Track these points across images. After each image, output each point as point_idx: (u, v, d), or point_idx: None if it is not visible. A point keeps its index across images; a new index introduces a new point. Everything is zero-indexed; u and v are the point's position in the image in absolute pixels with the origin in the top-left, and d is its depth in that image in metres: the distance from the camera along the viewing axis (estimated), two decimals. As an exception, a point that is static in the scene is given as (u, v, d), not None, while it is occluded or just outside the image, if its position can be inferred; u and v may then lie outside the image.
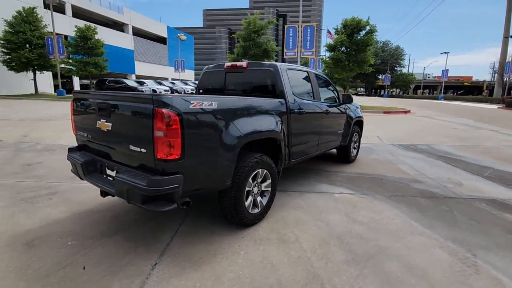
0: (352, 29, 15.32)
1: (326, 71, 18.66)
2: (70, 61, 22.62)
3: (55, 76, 25.03)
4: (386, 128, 10.49)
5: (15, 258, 2.20)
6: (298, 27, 16.23)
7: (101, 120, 2.36)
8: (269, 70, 3.30)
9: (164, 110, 1.92)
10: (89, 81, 26.25)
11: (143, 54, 44.52)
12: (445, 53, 45.54)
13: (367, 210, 3.24)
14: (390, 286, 1.99)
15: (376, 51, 63.86)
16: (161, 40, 49.88)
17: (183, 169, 2.06)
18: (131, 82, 25.44)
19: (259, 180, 2.82)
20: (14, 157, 5.23)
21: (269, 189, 2.96)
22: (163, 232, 2.65)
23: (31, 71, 23.10)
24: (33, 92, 23.96)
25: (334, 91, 4.66)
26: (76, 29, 22.36)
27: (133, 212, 3.04)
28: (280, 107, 3.13)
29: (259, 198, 2.86)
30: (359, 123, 5.52)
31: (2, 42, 21.42)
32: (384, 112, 15.65)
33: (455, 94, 70.08)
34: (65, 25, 27.26)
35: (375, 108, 17.19)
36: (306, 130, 3.66)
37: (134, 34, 42.51)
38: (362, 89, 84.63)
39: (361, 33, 15.72)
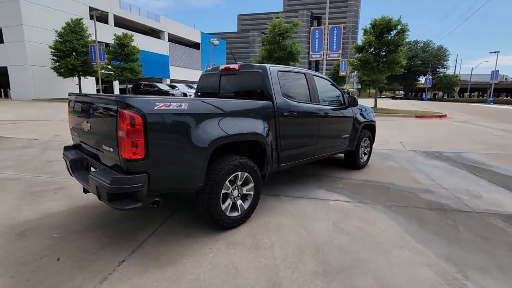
0: (382, 29, 14.58)
1: (354, 73, 18.01)
2: (109, 66, 24.38)
3: (98, 81, 27.18)
4: (413, 133, 9.81)
5: (4, 246, 2.40)
6: (324, 29, 15.88)
7: (84, 120, 2.50)
8: (258, 72, 3.25)
9: (127, 111, 1.97)
10: (125, 85, 28.02)
11: (177, 59, 46.56)
12: (494, 52, 41.54)
13: (359, 220, 3.04)
14: (353, 303, 1.84)
15: (415, 51, 60.36)
16: (195, 45, 51.80)
17: (147, 169, 2.10)
18: (163, 86, 26.72)
19: (239, 183, 2.78)
20: (40, 154, 5.74)
21: (251, 193, 2.91)
22: (144, 230, 2.73)
23: (76, 77, 25.26)
24: (78, 96, 26.09)
25: (339, 94, 4.46)
26: (115, 37, 24.08)
27: (120, 211, 3.16)
28: (267, 109, 3.07)
29: (239, 202, 2.82)
30: (370, 128, 5.23)
31: (52, 50, 23.73)
32: (416, 117, 14.66)
33: (509, 97, 63.32)
34: (107, 34, 29.42)
35: (407, 112, 16.17)
36: (299, 133, 3.55)
37: (169, 40, 44.68)
38: (401, 92, 79.95)
39: (391, 33, 14.91)
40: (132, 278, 2.03)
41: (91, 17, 28.67)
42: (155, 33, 43.14)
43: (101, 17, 30.74)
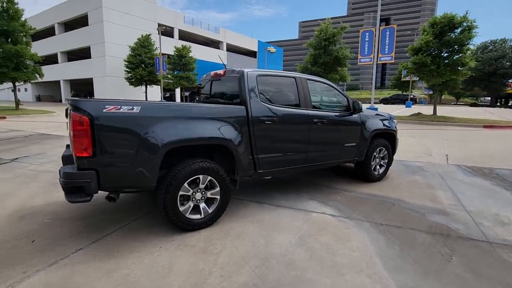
0: (442, 27, 12.89)
1: (408, 77, 16.27)
2: (169, 76, 26.89)
3: (165, 89, 30.23)
4: (471, 145, 8.41)
5: (3, 226, 2.86)
6: (375, 31, 14.84)
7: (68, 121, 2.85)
8: (235, 77, 3.25)
9: (77, 113, 2.20)
10: (185, 93, 30.46)
11: (235, 67, 48.79)
12: None
13: (332, 236, 2.77)
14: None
15: (502, 51, 51.62)
16: (252, 53, 53.55)
17: (96, 166, 2.29)
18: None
19: (202, 186, 2.80)
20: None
21: (217, 197, 2.90)
22: (116, 224, 2.95)
23: (143, 85, 28.47)
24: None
25: (343, 99, 4.14)
26: (175, 49, 26.49)
27: (114, 204, 3.46)
28: (239, 114, 3.04)
29: (202, 205, 2.84)
30: (389, 137, 4.70)
31: (126, 63, 27.25)
32: (485, 127, 12.53)
33: None
34: (171, 47, 32.52)
35: (475, 121, 13.91)
36: (282, 139, 3.40)
37: (227, 50, 47.14)
38: (487, 98, 68.31)
39: (455, 31, 13.07)
40: (76, 265, 2.22)
41: (159, 32, 32.23)
42: (214, 44, 46.03)
43: (167, 32, 34.19)
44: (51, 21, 35.37)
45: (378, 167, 4.60)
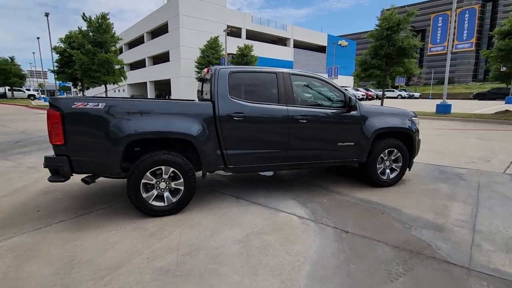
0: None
1: (494, 66, 13.24)
2: (232, 75, 28.30)
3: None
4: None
5: (29, 198, 3.65)
6: (451, 14, 12.68)
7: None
8: (211, 74, 3.36)
9: (51, 109, 2.68)
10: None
11: (301, 64, 48.07)
12: None
13: (280, 237, 2.67)
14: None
15: None
16: (321, 49, 51.84)
17: (67, 153, 2.75)
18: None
19: (165, 176, 3.04)
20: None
21: (181, 187, 3.09)
22: (105, 203, 3.43)
23: (211, 84, 30.64)
24: (211, 100, 31.67)
25: (339, 95, 3.81)
26: (237, 48, 27.65)
27: (117, 186, 4.02)
28: (205, 110, 3.16)
29: (166, 194, 3.08)
30: (403, 137, 4.11)
31: (196, 64, 29.80)
32: None
33: None
34: (237, 46, 34.18)
35: None
36: (255, 135, 3.37)
37: (295, 46, 46.74)
38: None
39: None
40: (50, 233, 2.73)
41: (228, 34, 34.13)
42: (282, 41, 46.23)
43: (235, 33, 35.93)
44: (141, 31, 41.15)
45: (388, 171, 4.08)
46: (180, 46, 32.57)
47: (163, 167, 2.99)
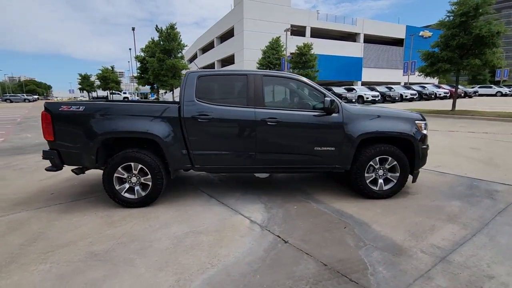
0: None
1: None
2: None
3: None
4: None
5: (49, 185, 4.49)
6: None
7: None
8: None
9: (44, 111, 3.28)
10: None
11: (372, 59, 44.50)
12: None
13: (214, 238, 2.70)
14: (53, 277, 2.15)
15: None
16: (398, 42, 46.96)
17: (56, 147, 3.32)
18: (339, 89, 27.05)
19: (135, 172, 3.37)
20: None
21: (149, 183, 3.39)
22: (93, 194, 3.99)
23: (271, 84, 31.07)
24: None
25: (317, 96, 3.53)
26: (296, 48, 27.23)
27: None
28: (171, 111, 3.36)
29: (137, 187, 3.41)
30: (401, 143, 3.57)
31: (257, 65, 30.61)
32: None
33: None
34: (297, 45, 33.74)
35: None
36: (219, 137, 3.42)
37: (366, 41, 43.52)
38: None
39: None
40: (43, 212, 3.35)
41: (292, 33, 34.02)
42: (351, 37, 43.63)
43: (299, 31, 35.58)
44: (212, 37, 44.43)
45: (381, 181, 3.60)
46: (243, 49, 33.98)
47: (132, 163, 3.33)
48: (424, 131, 3.69)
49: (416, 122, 3.63)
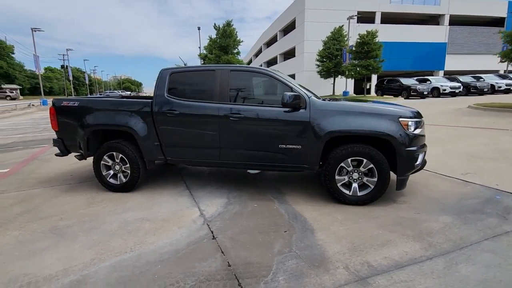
0: None
1: None
2: (350, 66, 26.10)
3: (358, 81, 29.86)
4: None
5: (78, 167, 5.33)
6: None
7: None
8: (159, 75, 3.78)
9: (51, 106, 3.93)
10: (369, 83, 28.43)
11: (459, 45, 38.03)
12: None
13: (155, 227, 2.87)
14: None
15: None
16: (495, 22, 38.96)
17: (61, 136, 3.96)
18: (407, 80, 24.07)
19: (118, 160, 3.78)
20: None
21: (128, 171, 3.77)
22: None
23: (332, 78, 29.65)
24: (331, 93, 30.69)
25: (286, 91, 3.31)
26: (358, 36, 25.10)
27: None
28: (144, 106, 3.64)
29: (119, 174, 3.83)
30: (382, 144, 3.11)
31: (317, 57, 29.50)
32: None
33: None
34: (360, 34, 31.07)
35: None
36: (185, 131, 3.55)
37: (452, 23, 37.39)
38: None
39: None
40: (50, 191, 4.03)
41: (358, 20, 31.60)
42: (433, 20, 38.07)
43: (367, 18, 32.74)
44: (275, 30, 44.46)
45: (355, 185, 3.22)
46: (304, 41, 33.11)
47: (114, 153, 3.74)
48: (414, 131, 3.12)
49: (401, 119, 3.09)
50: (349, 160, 3.16)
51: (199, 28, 31.50)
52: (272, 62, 47.98)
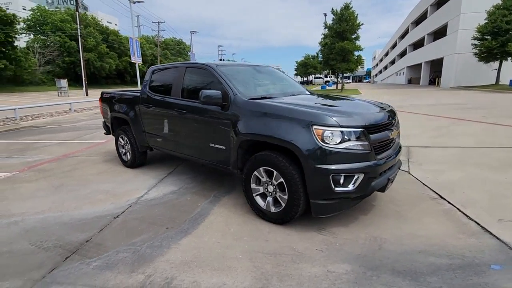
0: None
1: None
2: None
3: None
4: None
5: (96, 152, 6.83)
6: None
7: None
8: (151, 71, 4.35)
9: (100, 97, 5.30)
10: None
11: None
12: None
13: (102, 196, 3.56)
14: None
15: None
16: None
17: (105, 119, 5.31)
18: None
19: (124, 142, 4.75)
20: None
21: (130, 152, 4.67)
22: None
23: (496, 61, 22.04)
24: (493, 83, 22.90)
25: (221, 88, 3.11)
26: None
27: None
28: (135, 98, 4.34)
29: (128, 153, 4.80)
30: (292, 154, 2.51)
31: (475, 34, 22.50)
32: None
33: None
34: None
35: None
36: (156, 123, 3.99)
37: None
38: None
39: None
40: (71, 164, 5.53)
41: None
42: None
43: None
44: (426, 5, 36.70)
45: (270, 199, 2.76)
46: (460, 14, 25.85)
47: (123, 135, 4.72)
48: (338, 144, 2.32)
49: (315, 126, 2.35)
50: (261, 169, 2.73)
51: (325, 15, 30.44)
52: (418, 44, 40.23)
